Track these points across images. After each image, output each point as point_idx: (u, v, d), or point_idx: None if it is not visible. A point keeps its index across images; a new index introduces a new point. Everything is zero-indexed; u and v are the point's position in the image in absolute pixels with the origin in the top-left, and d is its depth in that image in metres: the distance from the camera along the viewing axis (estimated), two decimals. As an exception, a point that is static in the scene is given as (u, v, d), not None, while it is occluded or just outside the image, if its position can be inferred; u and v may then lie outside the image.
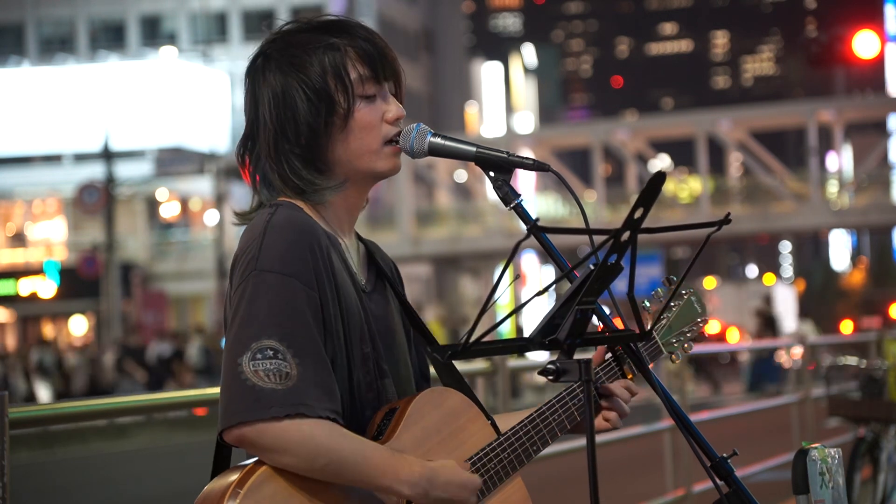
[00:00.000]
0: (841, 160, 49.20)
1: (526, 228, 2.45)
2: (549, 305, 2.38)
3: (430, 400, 2.49)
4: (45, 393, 28.88)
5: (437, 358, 2.60)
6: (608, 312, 2.49)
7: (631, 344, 2.54)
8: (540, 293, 2.31)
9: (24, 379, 29.48)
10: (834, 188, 47.30)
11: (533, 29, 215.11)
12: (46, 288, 45.83)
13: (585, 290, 2.27)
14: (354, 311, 2.48)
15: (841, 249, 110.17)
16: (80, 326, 47.58)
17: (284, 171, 2.51)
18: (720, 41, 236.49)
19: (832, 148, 49.83)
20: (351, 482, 2.35)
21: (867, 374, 7.59)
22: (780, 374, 28.01)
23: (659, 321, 2.72)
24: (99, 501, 13.61)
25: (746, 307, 35.18)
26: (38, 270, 46.68)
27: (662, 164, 67.63)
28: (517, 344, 2.38)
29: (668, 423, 7.30)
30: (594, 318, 2.37)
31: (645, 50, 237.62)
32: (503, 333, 22.55)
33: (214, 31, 57.70)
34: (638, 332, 2.42)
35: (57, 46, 57.14)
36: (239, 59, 50.79)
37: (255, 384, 2.32)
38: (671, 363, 2.81)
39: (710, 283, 57.35)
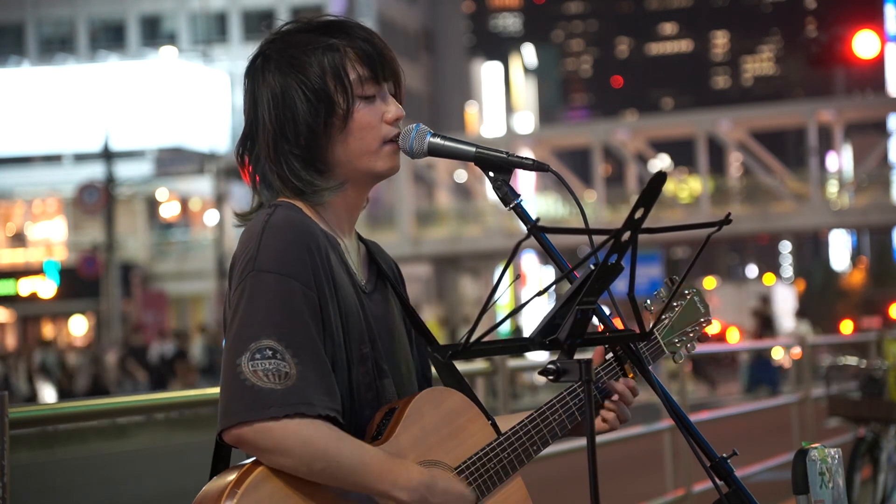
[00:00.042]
0: (841, 160, 49.20)
1: (526, 228, 2.44)
2: (548, 306, 2.38)
3: (429, 400, 2.49)
4: (49, 393, 28.84)
5: (437, 358, 2.60)
6: (608, 312, 2.49)
7: (631, 344, 2.54)
8: (540, 293, 2.30)
9: (26, 379, 29.44)
10: (834, 188, 47.29)
11: (533, 29, 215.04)
12: (46, 288, 45.82)
13: (586, 290, 2.27)
14: (353, 311, 2.48)
15: (841, 249, 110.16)
16: (80, 326, 47.58)
17: (284, 171, 2.51)
18: (720, 41, 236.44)
19: (832, 148, 49.82)
20: (348, 486, 2.35)
21: (867, 374, 7.59)
22: (777, 374, 28.04)
23: (661, 321, 2.71)
24: (99, 501, 13.61)
25: (746, 307, 35.19)
26: (38, 270, 46.67)
27: (662, 164, 67.61)
28: (517, 344, 2.38)
29: (668, 423, 7.30)
30: (594, 318, 2.37)
31: (645, 50, 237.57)
32: (503, 333, 22.54)
33: (214, 31, 57.70)
34: (638, 332, 2.42)
35: (57, 46, 57.14)
36: (239, 59, 50.77)
37: (254, 384, 2.32)
38: (673, 363, 2.80)
39: (710, 283, 57.41)
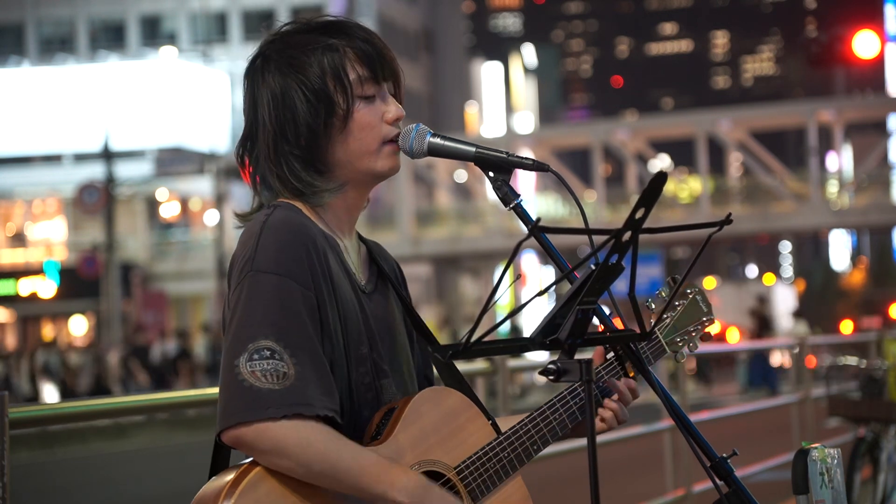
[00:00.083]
0: (841, 160, 49.18)
1: (527, 229, 2.44)
2: (548, 306, 2.38)
3: (428, 399, 2.48)
4: (52, 394, 28.80)
5: (437, 358, 2.60)
6: (608, 312, 2.49)
7: (631, 344, 2.54)
8: (540, 293, 2.30)
9: (28, 379, 29.38)
10: (834, 188, 47.28)
11: (533, 29, 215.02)
12: (46, 288, 45.81)
13: (586, 290, 2.27)
14: (352, 311, 2.48)
15: (841, 249, 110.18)
16: (80, 326, 47.57)
17: (284, 172, 2.51)
18: (720, 41, 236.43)
19: (832, 148, 49.81)
20: (346, 489, 2.35)
21: (867, 374, 7.59)
22: (775, 374, 28.07)
23: (662, 320, 2.71)
24: (99, 501, 13.61)
25: (746, 307, 35.18)
26: (38, 270, 46.66)
27: (662, 164, 67.60)
28: (518, 344, 2.38)
29: (668, 423, 7.29)
30: (594, 318, 2.37)
31: (645, 50, 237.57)
32: (502, 333, 22.56)
33: (214, 31, 57.69)
34: (639, 332, 2.42)
35: (57, 46, 57.13)
36: (239, 59, 50.78)
37: (252, 385, 2.32)
38: (676, 362, 2.79)
39: (710, 283, 57.41)
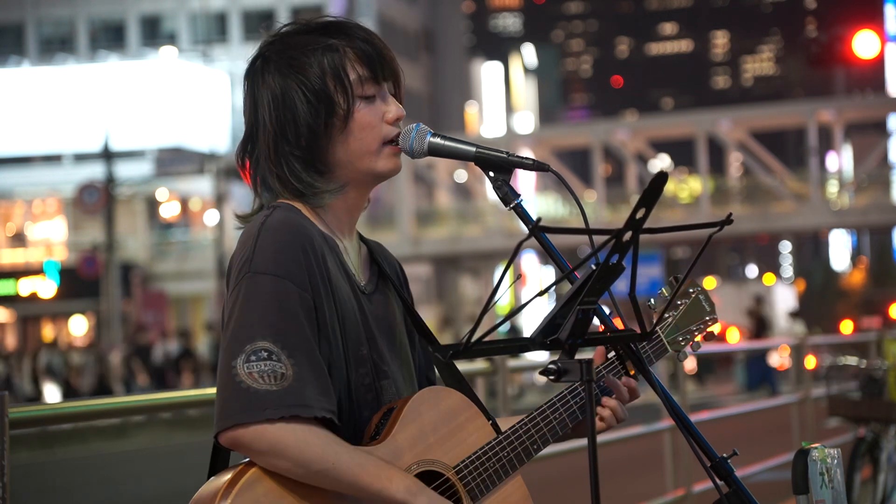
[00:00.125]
0: (841, 160, 49.18)
1: (527, 228, 2.44)
2: (549, 306, 2.38)
3: (427, 399, 2.48)
4: (54, 394, 28.78)
5: (437, 358, 2.60)
6: (608, 312, 2.49)
7: (632, 344, 2.54)
8: (541, 293, 2.30)
9: (30, 380, 29.33)
10: (834, 188, 47.28)
11: (533, 29, 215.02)
12: (46, 288, 45.81)
13: (587, 290, 2.27)
14: (351, 312, 2.48)
15: (841, 249, 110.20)
16: (80, 326, 47.57)
17: (284, 172, 2.51)
18: (720, 41, 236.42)
19: (832, 148, 49.81)
20: (344, 489, 2.35)
21: (867, 374, 7.59)
22: (773, 374, 28.09)
23: (664, 319, 2.70)
24: (99, 501, 13.61)
25: (746, 307, 35.17)
26: (38, 270, 46.66)
27: (662, 164, 67.60)
28: (518, 344, 2.38)
29: (668, 423, 7.29)
30: (595, 318, 2.37)
31: (645, 50, 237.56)
32: (501, 333, 22.55)
33: (214, 31, 57.69)
34: (639, 331, 2.42)
35: (57, 46, 57.13)
36: (239, 59, 50.76)
37: (249, 386, 2.31)
38: (678, 361, 2.79)
39: (710, 283, 57.35)
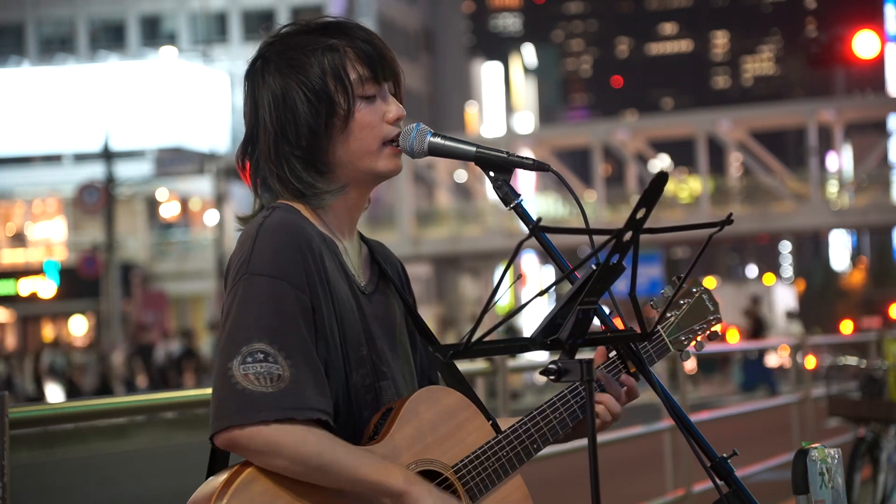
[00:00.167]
0: (841, 160, 49.18)
1: (527, 228, 2.44)
2: (548, 306, 2.37)
3: (425, 399, 2.48)
4: (58, 394, 28.75)
5: (438, 357, 2.60)
6: (608, 312, 2.49)
7: (631, 344, 2.54)
8: (541, 293, 2.30)
9: (32, 380, 29.28)
10: (834, 188, 47.28)
11: (533, 29, 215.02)
12: (46, 288, 45.81)
13: (587, 290, 2.27)
14: (350, 313, 2.48)
15: (841, 249, 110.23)
16: (80, 326, 47.57)
17: (284, 173, 2.51)
18: (720, 41, 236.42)
19: (832, 148, 49.81)
20: (343, 483, 2.35)
21: (867, 374, 7.59)
22: (771, 375, 28.10)
23: (666, 319, 2.70)
24: (99, 501, 13.62)
25: (743, 307, 35.16)
26: (38, 270, 46.66)
27: (662, 164, 67.61)
28: (518, 344, 2.38)
29: (668, 423, 7.29)
30: (595, 318, 2.37)
31: (645, 50, 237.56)
32: (501, 332, 22.56)
33: (214, 31, 57.69)
34: (640, 331, 2.42)
35: (57, 46, 57.13)
36: (239, 59, 50.75)
37: (244, 388, 2.31)
38: (682, 360, 2.78)
39: (710, 283, 57.35)
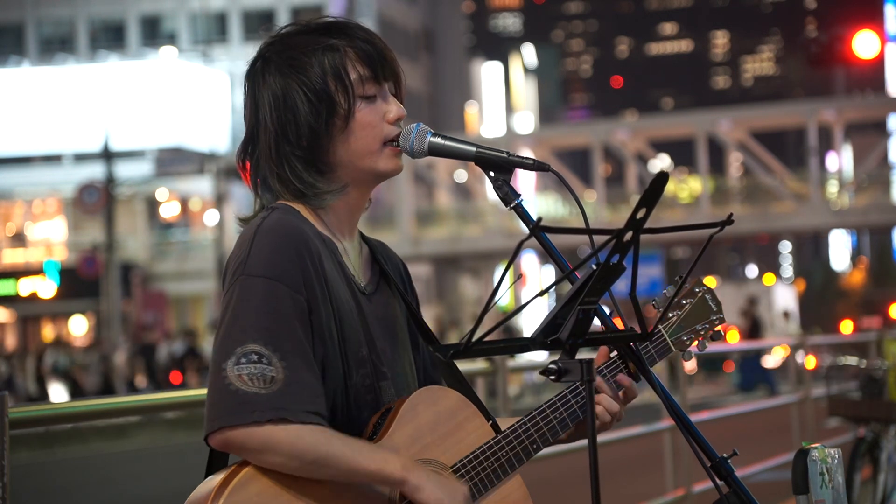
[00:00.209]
0: (841, 160, 49.18)
1: (528, 228, 2.44)
2: (548, 306, 2.38)
3: (424, 399, 2.48)
4: (62, 394, 28.74)
5: (438, 357, 2.60)
6: (609, 312, 2.49)
7: (631, 344, 2.54)
8: (542, 293, 2.30)
9: (34, 379, 29.23)
10: (834, 188, 47.28)
11: (533, 29, 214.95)
12: (46, 288, 45.80)
13: (587, 290, 2.27)
14: (349, 314, 2.48)
15: (841, 249, 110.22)
16: (80, 326, 47.57)
17: (285, 173, 2.51)
18: (720, 41, 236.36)
19: (832, 148, 49.81)
20: (341, 475, 2.35)
21: (867, 374, 7.59)
22: (769, 375, 28.09)
23: (668, 318, 2.70)
24: (99, 501, 13.62)
25: (740, 308, 35.16)
26: (38, 270, 46.65)
27: (662, 164, 67.60)
28: (518, 344, 2.38)
29: (668, 423, 7.29)
30: (596, 318, 2.36)
31: (645, 50, 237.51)
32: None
33: (214, 31, 57.68)
34: (640, 331, 2.42)
35: (57, 46, 57.12)
36: (239, 59, 50.78)
37: (237, 389, 2.32)
38: (684, 360, 2.78)
39: (710, 283, 57.32)
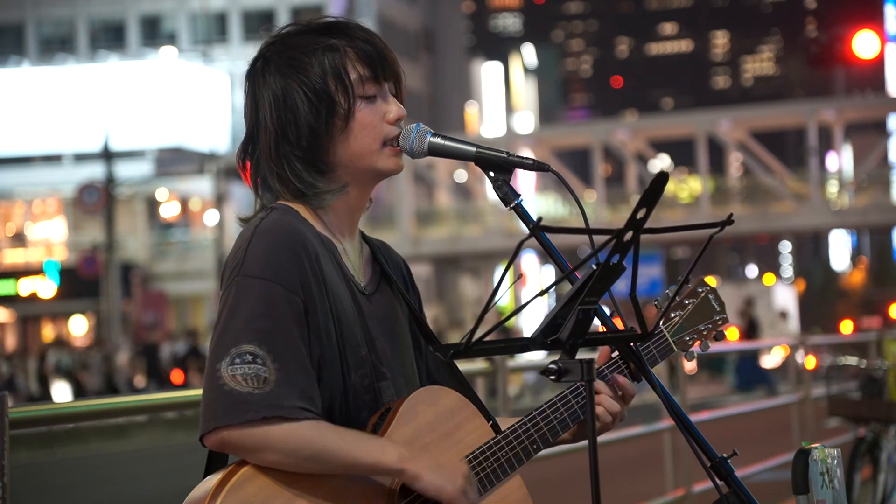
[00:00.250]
0: (841, 160, 49.18)
1: (528, 228, 2.44)
2: (548, 306, 2.38)
3: (423, 399, 2.48)
4: (65, 393, 28.72)
5: (438, 357, 2.60)
6: (609, 312, 2.49)
7: (632, 344, 2.53)
8: (542, 293, 2.30)
9: (37, 379, 29.21)
10: (834, 188, 47.28)
11: (533, 29, 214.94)
12: (46, 288, 45.81)
13: (588, 290, 2.27)
14: (348, 314, 2.48)
15: (841, 249, 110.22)
16: (80, 326, 47.57)
17: (285, 173, 2.51)
18: (720, 41, 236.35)
19: (832, 148, 49.81)
20: (338, 468, 2.34)
21: (867, 374, 7.59)
22: (767, 375, 28.08)
23: (670, 318, 2.69)
24: (99, 501, 13.62)
25: (737, 308, 35.16)
26: (38, 270, 46.66)
27: (662, 164, 67.60)
28: (518, 344, 2.38)
29: (668, 423, 7.29)
30: (595, 318, 2.36)
31: (645, 50, 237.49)
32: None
33: (214, 31, 57.69)
34: (641, 331, 2.42)
35: (57, 46, 57.13)
36: (239, 59, 50.79)
37: (231, 389, 2.32)
38: (686, 360, 2.78)
39: (709, 282, 57.36)
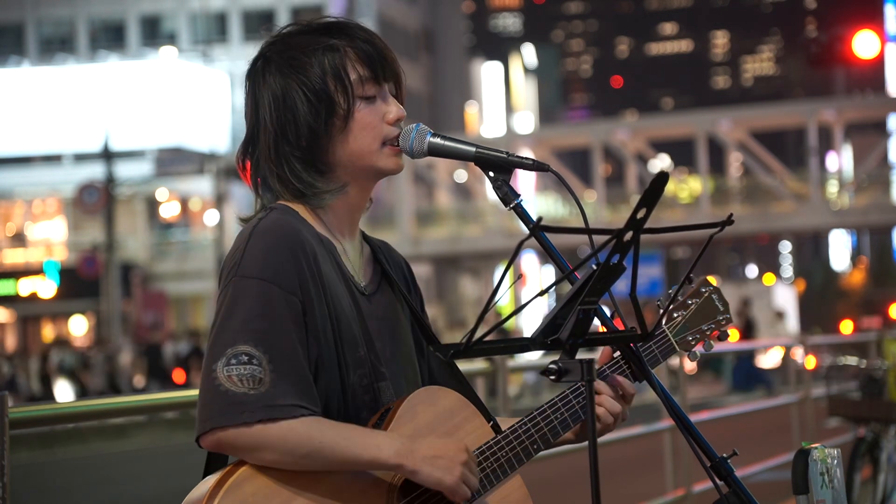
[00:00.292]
0: (841, 160, 49.18)
1: (527, 228, 2.44)
2: (548, 306, 2.38)
3: (423, 399, 2.48)
4: (68, 393, 28.70)
5: (438, 357, 2.60)
6: (609, 313, 2.48)
7: (632, 344, 2.53)
8: (542, 293, 2.30)
9: (39, 379, 29.18)
10: (834, 188, 47.27)
11: (533, 29, 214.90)
12: (46, 288, 45.81)
13: (588, 290, 2.27)
14: (347, 314, 2.48)
15: (841, 249, 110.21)
16: (80, 326, 47.57)
17: (284, 173, 2.51)
18: (720, 41, 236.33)
19: (832, 148, 49.81)
20: (336, 465, 2.34)
21: (867, 374, 7.59)
22: (766, 375, 28.08)
23: (672, 318, 2.69)
24: (99, 501, 13.62)
25: (735, 309, 35.16)
26: (38, 270, 46.66)
27: (662, 164, 67.60)
28: (518, 344, 2.38)
29: (668, 423, 7.29)
30: (595, 318, 2.36)
31: (645, 50, 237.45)
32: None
33: (214, 31, 57.68)
34: (640, 331, 2.42)
35: (57, 46, 57.12)
36: (239, 59, 50.80)
37: (227, 389, 2.32)
38: (690, 360, 2.77)
39: (712, 282, 57.34)
